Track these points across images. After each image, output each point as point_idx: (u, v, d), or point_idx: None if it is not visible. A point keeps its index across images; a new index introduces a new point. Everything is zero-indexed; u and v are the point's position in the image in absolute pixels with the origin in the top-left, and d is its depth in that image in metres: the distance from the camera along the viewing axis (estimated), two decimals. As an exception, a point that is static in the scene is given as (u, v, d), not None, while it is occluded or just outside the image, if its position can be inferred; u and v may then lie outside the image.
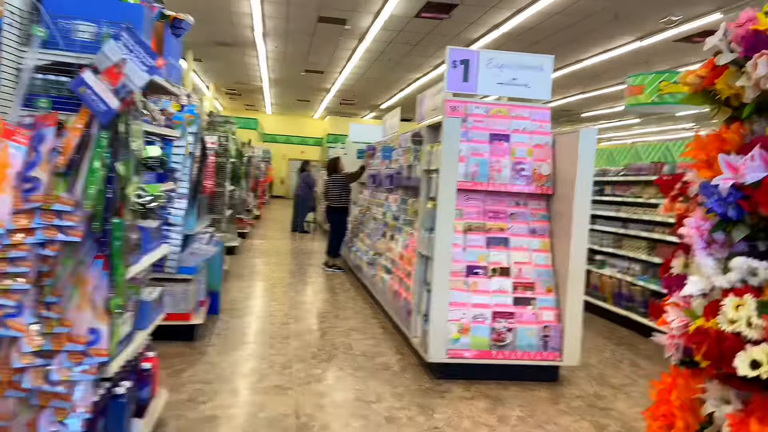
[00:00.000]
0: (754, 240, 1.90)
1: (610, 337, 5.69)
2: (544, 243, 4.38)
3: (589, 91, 17.30)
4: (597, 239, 6.71)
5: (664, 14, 9.92)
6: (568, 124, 25.31)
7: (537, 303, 4.22)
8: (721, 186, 1.84)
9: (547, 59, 4.51)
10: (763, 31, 1.71)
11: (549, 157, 4.39)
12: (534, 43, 11.63)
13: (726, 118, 2.12)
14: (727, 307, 1.84)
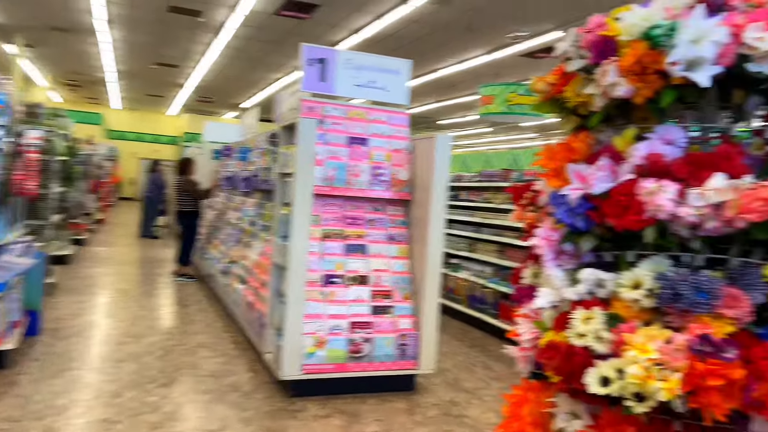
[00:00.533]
0: (601, 251, 1.90)
1: (464, 340, 5.80)
2: (402, 249, 4.31)
3: (444, 99, 17.99)
4: (453, 243, 6.84)
5: (511, 30, 10.50)
6: (426, 131, 26.20)
7: (395, 311, 4.12)
8: (570, 196, 1.80)
9: (404, 63, 4.45)
10: (612, 37, 1.69)
11: (407, 163, 4.32)
12: (393, 50, 11.79)
13: (574, 127, 2.12)
14: (576, 321, 1.80)
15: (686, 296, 1.59)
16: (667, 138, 1.72)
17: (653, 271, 1.72)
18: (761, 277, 1.59)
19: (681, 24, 1.56)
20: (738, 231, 1.59)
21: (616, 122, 1.94)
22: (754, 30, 1.47)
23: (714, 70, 1.53)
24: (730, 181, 1.56)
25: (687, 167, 1.62)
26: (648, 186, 1.63)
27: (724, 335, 1.57)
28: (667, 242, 1.70)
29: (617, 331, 1.71)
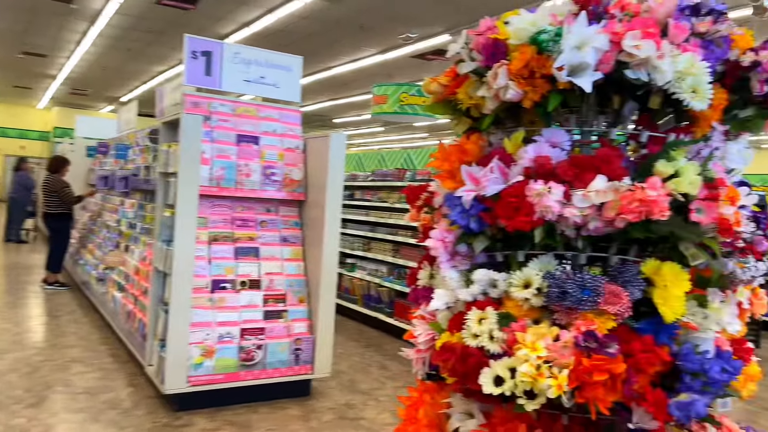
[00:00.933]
0: (494, 251, 1.92)
1: (360, 340, 5.78)
2: (296, 251, 4.19)
3: (339, 98, 17.96)
4: (348, 243, 6.81)
5: (402, 31, 10.66)
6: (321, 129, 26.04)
7: (289, 315, 4.00)
8: (464, 198, 1.81)
9: (296, 60, 4.34)
10: (503, 40, 1.70)
11: (300, 162, 4.21)
12: (284, 45, 11.56)
13: (466, 128, 2.13)
14: (470, 321, 1.80)
15: (572, 294, 1.64)
16: (553, 141, 1.77)
17: (542, 270, 1.76)
18: (638, 274, 1.67)
19: (565, 30, 1.60)
20: (618, 230, 1.66)
21: (506, 125, 1.97)
22: (631, 38, 1.54)
23: (595, 75, 1.58)
24: (610, 183, 1.63)
25: (571, 170, 1.67)
26: (536, 188, 1.66)
27: (606, 331, 1.64)
28: (555, 242, 1.74)
29: (509, 330, 1.74)
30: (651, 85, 1.61)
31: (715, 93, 1.69)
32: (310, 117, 21.96)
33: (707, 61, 1.60)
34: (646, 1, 1.73)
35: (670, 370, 1.65)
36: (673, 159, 1.62)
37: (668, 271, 1.65)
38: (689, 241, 1.65)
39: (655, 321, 1.68)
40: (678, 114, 1.78)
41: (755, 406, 4.39)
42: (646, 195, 1.55)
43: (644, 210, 1.57)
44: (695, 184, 1.58)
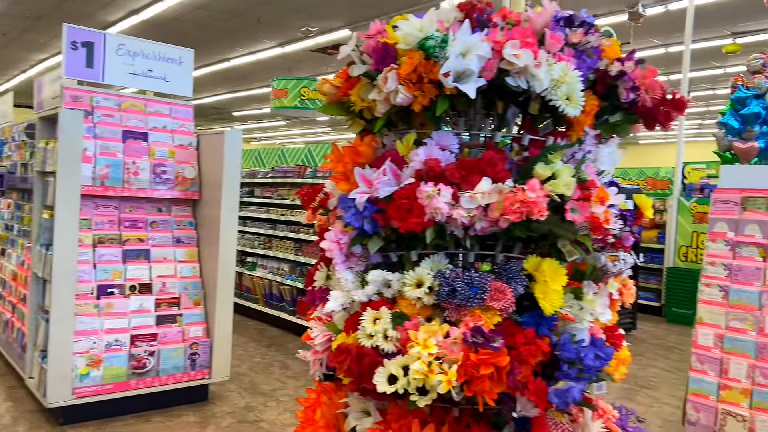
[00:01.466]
0: (388, 251, 1.95)
1: (261, 340, 5.68)
2: (191, 252, 4.04)
3: (238, 90, 17.48)
4: (249, 241, 6.66)
5: (302, 24, 10.55)
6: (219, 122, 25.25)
7: (183, 319, 3.86)
8: (358, 200, 1.82)
9: (186, 52, 4.16)
10: (392, 44, 1.73)
11: (193, 159, 4.06)
12: (178, 35, 11.08)
13: (360, 130, 2.15)
14: (365, 321, 1.83)
15: (461, 292, 1.70)
16: (442, 144, 1.83)
17: (433, 270, 1.81)
18: (521, 271, 1.77)
19: (451, 37, 1.65)
20: (502, 229, 1.75)
21: (398, 127, 2.01)
22: (511, 47, 1.62)
23: (479, 82, 1.65)
24: (495, 185, 1.70)
25: (459, 172, 1.74)
26: (426, 190, 1.71)
27: (492, 326, 1.72)
28: (445, 242, 1.80)
29: (403, 329, 1.78)
30: (530, 91, 1.70)
31: (588, 99, 1.82)
32: (207, 110, 21.23)
33: (579, 70, 1.71)
34: (526, 11, 1.83)
35: (550, 359, 1.76)
36: (550, 162, 1.73)
37: (548, 267, 1.76)
38: (565, 239, 1.76)
39: (536, 314, 1.78)
40: (555, 119, 1.90)
41: (633, 385, 4.78)
42: (527, 196, 1.64)
43: (525, 210, 1.66)
44: (570, 185, 1.69)
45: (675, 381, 4.85)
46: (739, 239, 3.42)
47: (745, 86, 8.43)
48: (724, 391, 3.29)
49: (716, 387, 3.32)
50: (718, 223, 3.52)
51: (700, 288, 3.49)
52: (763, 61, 8.47)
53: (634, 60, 1.79)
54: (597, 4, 9.30)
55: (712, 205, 3.59)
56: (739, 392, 3.24)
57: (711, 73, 13.36)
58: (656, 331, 6.90)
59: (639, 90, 1.86)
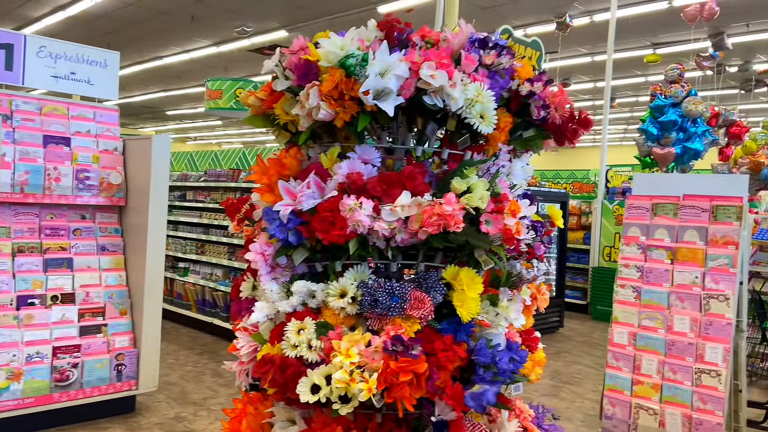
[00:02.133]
0: (313, 261, 1.99)
1: (193, 347, 5.59)
2: (117, 260, 3.94)
3: (171, 89, 17.02)
4: (180, 246, 6.52)
5: (238, 24, 10.40)
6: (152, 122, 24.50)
7: (109, 329, 3.75)
8: (282, 212, 1.85)
9: (112, 55, 4.05)
10: (314, 61, 1.77)
11: (119, 165, 3.95)
12: (109, 32, 10.71)
13: (286, 141, 2.18)
14: (289, 332, 1.86)
15: (382, 302, 1.77)
16: (364, 157, 1.88)
17: (356, 280, 1.87)
18: (440, 280, 1.85)
19: (370, 57, 1.71)
20: (422, 241, 1.82)
21: (323, 140, 2.05)
22: (427, 68, 1.69)
23: (398, 100, 1.72)
24: (414, 198, 1.78)
25: (380, 186, 1.80)
26: (349, 203, 1.76)
27: (413, 334, 1.79)
28: (367, 253, 1.86)
29: (326, 339, 1.82)
30: (447, 109, 1.78)
31: (501, 117, 1.92)
32: (139, 108, 20.56)
33: (492, 89, 1.81)
34: (444, 32, 1.91)
35: (467, 364, 1.85)
36: (466, 176, 1.81)
37: (465, 276, 1.85)
38: (481, 249, 1.86)
39: (454, 321, 1.87)
40: (472, 134, 1.99)
41: (558, 381, 5.00)
42: (444, 210, 1.72)
43: (442, 223, 1.74)
44: (484, 198, 1.79)
45: (597, 377, 5.11)
46: (649, 243, 3.65)
47: (663, 95, 8.96)
48: (636, 386, 3.51)
49: (630, 382, 3.53)
50: (631, 228, 3.75)
51: (616, 289, 3.70)
52: (679, 71, 9.03)
53: (543, 81, 1.90)
54: (526, 14, 9.64)
55: (626, 211, 3.81)
56: (651, 387, 3.46)
57: (634, 81, 14.09)
58: (582, 329, 7.23)
59: (549, 108, 1.97)
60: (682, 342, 3.41)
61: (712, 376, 3.33)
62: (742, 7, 8.92)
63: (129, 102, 19.28)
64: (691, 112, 8.65)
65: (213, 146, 31.06)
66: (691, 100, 8.64)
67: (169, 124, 25.10)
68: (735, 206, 3.43)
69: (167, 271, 6.67)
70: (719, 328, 3.35)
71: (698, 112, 8.44)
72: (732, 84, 13.59)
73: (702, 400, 3.32)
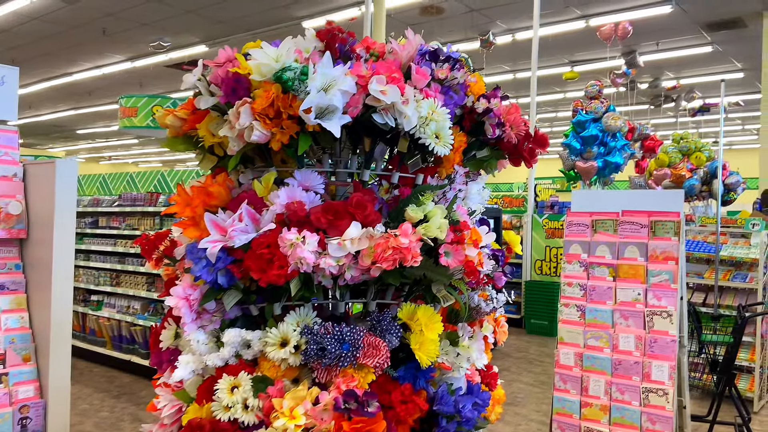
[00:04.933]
0: (247, 304, 1.73)
1: (110, 389, 5.08)
2: (18, 300, 3.46)
3: (83, 107, 16.03)
4: (93, 277, 5.97)
5: (154, 38, 9.88)
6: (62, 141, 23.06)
7: (10, 379, 3.27)
8: (209, 250, 1.58)
9: (10, 71, 3.60)
10: (244, 75, 1.52)
11: (19, 192, 3.49)
12: (12, 47, 9.91)
13: (212, 166, 1.91)
14: (221, 390, 1.58)
15: (331, 350, 1.53)
16: (306, 184, 1.65)
17: (299, 325, 1.62)
18: (395, 320, 1.64)
19: (311, 70, 1.49)
20: (374, 278, 1.60)
21: (256, 164, 1.80)
22: (377, 83, 1.49)
23: (344, 119, 1.50)
24: (365, 230, 1.56)
25: (325, 216, 1.57)
26: (290, 238, 1.52)
27: (366, 386, 1.56)
28: (311, 293, 1.62)
29: (266, 397, 1.56)
30: (399, 129, 1.58)
31: (456, 136, 1.74)
32: (48, 127, 19.26)
33: (447, 106, 1.63)
34: (390, 43, 1.72)
35: (427, 415, 1.64)
36: (422, 204, 1.62)
37: (422, 315, 1.64)
38: (440, 283, 1.66)
39: (413, 366, 1.66)
40: (424, 155, 1.81)
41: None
42: (399, 242, 1.52)
43: (398, 257, 1.53)
44: (443, 228, 1.60)
45: (539, 395, 5.04)
46: (591, 260, 3.60)
47: (584, 110, 9.24)
48: (585, 408, 3.43)
49: (578, 405, 3.45)
50: (572, 245, 3.69)
51: (560, 308, 3.62)
52: (598, 87, 9.35)
53: (499, 97, 1.75)
54: (452, 32, 9.72)
55: (566, 228, 3.76)
56: (599, 409, 3.38)
57: (553, 97, 14.57)
58: (518, 344, 7.21)
59: (504, 126, 1.82)
60: (628, 361, 3.36)
61: (660, 395, 3.28)
62: (653, 26, 9.37)
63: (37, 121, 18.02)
64: (611, 126, 8.95)
65: (129, 166, 29.58)
66: (610, 116, 8.94)
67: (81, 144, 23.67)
68: (673, 221, 3.44)
69: (79, 305, 6.10)
70: (664, 345, 3.32)
71: (617, 127, 8.73)
72: (643, 100, 14.32)
73: (651, 421, 3.27)
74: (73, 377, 3.33)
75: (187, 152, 1.81)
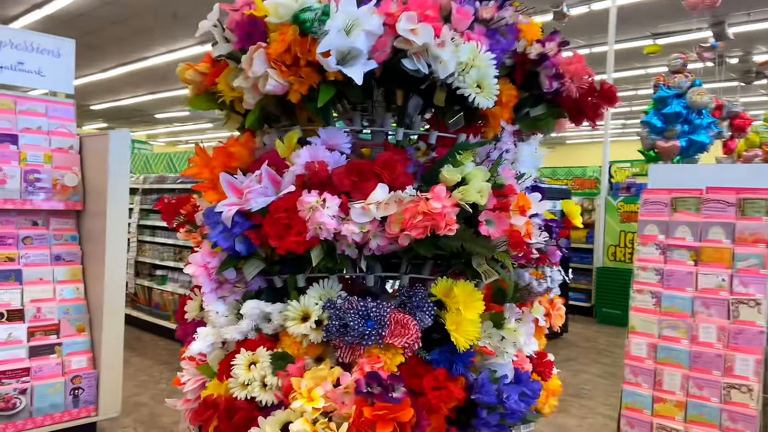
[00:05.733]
0: (272, 275, 1.59)
1: (170, 362, 5.16)
2: (74, 271, 3.52)
3: (159, 91, 16.58)
4: (158, 253, 6.10)
5: (223, 20, 9.98)
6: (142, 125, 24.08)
7: (63, 349, 3.34)
8: (225, 214, 1.45)
9: (66, 43, 3.64)
10: (260, 17, 1.36)
11: (75, 165, 3.54)
12: (88, 32, 10.29)
13: (238, 127, 1.78)
14: (237, 367, 1.45)
15: (354, 327, 1.36)
16: (331, 143, 1.48)
17: (323, 298, 1.47)
18: (428, 297, 1.45)
19: (333, 8, 1.31)
20: (404, 248, 1.42)
21: (282, 122, 1.65)
22: (407, 21, 1.29)
23: (369, 65, 1.31)
24: (393, 193, 1.37)
25: (349, 177, 1.40)
26: (309, 201, 1.36)
27: (395, 368, 1.39)
28: (335, 264, 1.46)
29: (285, 375, 1.42)
30: (433, 77, 1.38)
31: (504, 89, 1.52)
32: (129, 112, 20.12)
33: (493, 51, 1.41)
34: (428, -19, 1.51)
35: (466, 404, 1.45)
36: (459, 164, 1.41)
37: (460, 292, 1.44)
38: (481, 257, 1.45)
39: (449, 349, 1.47)
40: (468, 113, 1.59)
41: (566, 395, 4.57)
42: (431, 207, 1.32)
43: (430, 224, 1.34)
44: (484, 192, 1.39)
45: (608, 388, 4.71)
46: (669, 242, 3.25)
47: (667, 85, 8.58)
48: (658, 404, 3.11)
49: (650, 400, 3.13)
50: (648, 226, 3.35)
51: (632, 295, 3.30)
52: (682, 61, 8.64)
53: (557, 41, 1.50)
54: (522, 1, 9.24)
55: (641, 207, 3.42)
56: (674, 405, 3.06)
57: (633, 73, 13.69)
58: (587, 333, 6.83)
59: (563, 78, 1.58)
60: (709, 354, 3.01)
61: (743, 392, 2.93)
62: (746, -7, 8.54)
63: (118, 106, 18.85)
64: (696, 103, 8.26)
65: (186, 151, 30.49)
66: (696, 91, 8.25)
67: (159, 128, 24.63)
68: (764, 199, 3.03)
69: (145, 279, 6.26)
70: (750, 338, 2.95)
71: (703, 103, 8.05)
72: (732, 76, 13.22)
73: (732, 419, 2.92)
74: (137, 349, 3.35)
75: (210, 111, 1.68)
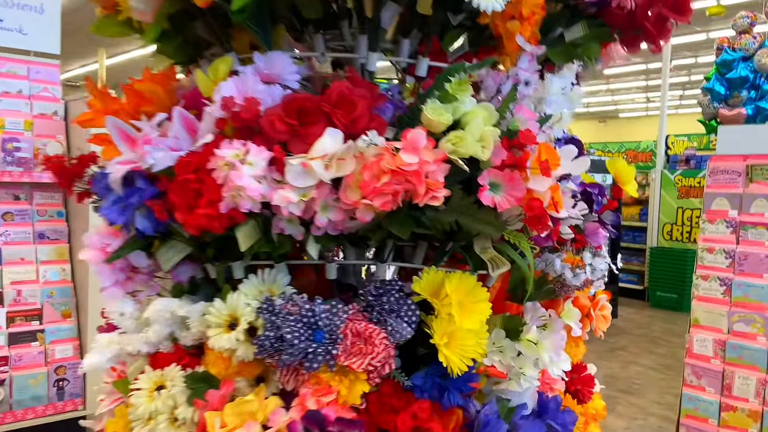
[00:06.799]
0: (204, 262, 1.17)
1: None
2: (60, 251, 3.21)
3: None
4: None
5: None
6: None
7: (46, 337, 3.03)
8: (113, 176, 1.02)
9: (49, -2, 3.28)
10: None
11: (60, 132, 3.20)
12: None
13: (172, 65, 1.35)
14: (138, 394, 1.05)
15: (291, 341, 0.92)
16: (270, 73, 1.03)
17: (260, 296, 1.03)
18: (406, 298, 0.99)
19: None
20: (371, 226, 0.96)
21: (212, 50, 1.21)
22: None
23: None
24: (349, 143, 0.91)
25: (285, 121, 0.94)
26: (223, 155, 0.92)
27: (355, 401, 0.95)
28: (277, 248, 1.02)
29: (204, 405, 1.00)
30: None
31: (525, -6, 1.03)
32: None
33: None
34: None
35: (462, 452, 1.00)
36: (451, 99, 0.94)
37: (455, 290, 0.98)
38: (485, 238, 0.99)
39: (438, 370, 1.01)
40: (473, 33, 1.11)
41: (613, 389, 4.07)
42: (401, 162, 0.86)
43: (402, 189, 0.88)
44: (488, 140, 0.91)
45: (662, 383, 4.16)
46: (743, 219, 2.69)
47: (732, 48, 7.73)
48: (726, 412, 2.59)
49: (717, 408, 2.61)
50: (716, 200, 2.78)
51: (695, 282, 2.76)
52: (750, 20, 7.76)
53: None
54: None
55: (708, 177, 2.85)
56: (746, 415, 2.53)
57: (693, 39, 12.64)
58: (639, 319, 6.23)
59: (613, -22, 1.07)
60: (794, 355, 2.47)
61: (838, 403, 2.38)
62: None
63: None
64: (765, 66, 7.38)
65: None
66: (765, 53, 7.36)
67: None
68: None
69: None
70: None
71: (775, 66, 7.20)
72: (807, 37, 12.02)
73: (822, 436, 2.38)
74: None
75: (122, 37, 1.24)
